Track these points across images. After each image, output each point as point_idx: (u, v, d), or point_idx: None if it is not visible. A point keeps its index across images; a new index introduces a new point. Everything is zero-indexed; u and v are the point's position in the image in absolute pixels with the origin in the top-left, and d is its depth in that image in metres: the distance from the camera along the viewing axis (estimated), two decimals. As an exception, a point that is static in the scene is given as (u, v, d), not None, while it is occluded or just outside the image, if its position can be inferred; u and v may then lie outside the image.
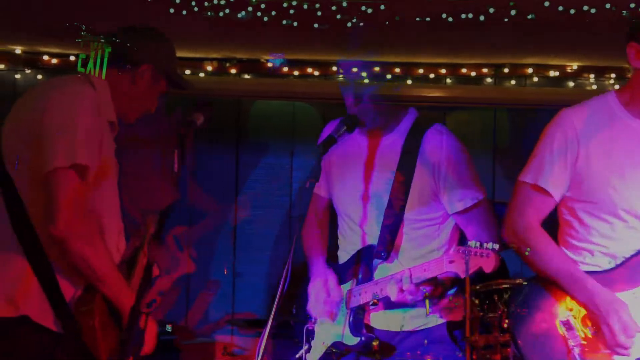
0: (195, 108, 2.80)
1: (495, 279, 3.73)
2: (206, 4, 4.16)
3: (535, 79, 5.35)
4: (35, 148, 2.70)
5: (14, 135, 2.77)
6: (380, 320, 3.33)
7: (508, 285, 3.50)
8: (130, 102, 2.96)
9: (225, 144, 5.57)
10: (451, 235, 3.38)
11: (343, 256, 3.47)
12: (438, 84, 5.41)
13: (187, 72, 5.26)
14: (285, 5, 4.17)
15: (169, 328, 2.70)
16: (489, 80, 5.40)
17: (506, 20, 4.07)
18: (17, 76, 5.40)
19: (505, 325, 3.25)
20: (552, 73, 5.30)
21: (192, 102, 2.84)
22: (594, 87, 5.35)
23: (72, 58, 5.28)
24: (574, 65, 5.26)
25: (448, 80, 5.43)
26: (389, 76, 5.39)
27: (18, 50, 5.23)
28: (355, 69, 3.47)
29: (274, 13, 4.25)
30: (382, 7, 4.15)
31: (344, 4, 4.16)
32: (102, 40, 2.88)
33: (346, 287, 3.35)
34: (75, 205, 2.65)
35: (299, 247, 3.49)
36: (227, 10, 4.22)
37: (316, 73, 5.38)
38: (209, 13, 4.24)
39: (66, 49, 5.26)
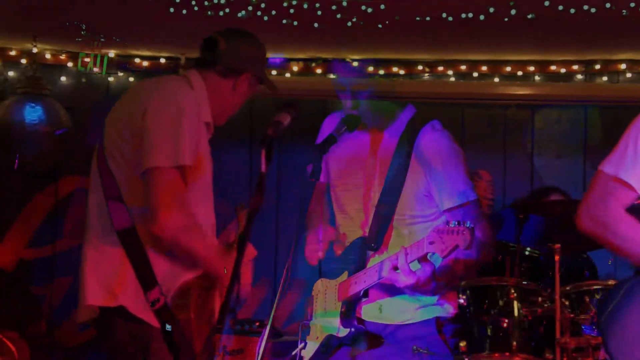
0: (282, 108, 2.83)
1: (580, 279, 3.66)
2: (206, 3, 4.18)
3: (629, 75, 5.20)
4: (137, 146, 2.77)
5: (115, 132, 2.85)
6: (370, 312, 3.33)
7: (600, 287, 3.42)
8: (225, 106, 3.00)
9: (311, 144, 5.58)
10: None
11: (339, 248, 3.49)
12: (526, 81, 5.32)
13: (274, 72, 5.31)
14: (285, 4, 4.15)
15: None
16: (579, 77, 5.28)
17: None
18: (110, 79, 5.56)
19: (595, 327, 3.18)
20: (647, 69, 5.15)
21: (279, 102, 2.87)
22: (692, 82, 5.17)
23: (163, 60, 5.41)
24: (670, 60, 5.10)
25: (537, 78, 5.33)
26: (475, 74, 5.34)
27: (111, 53, 5.39)
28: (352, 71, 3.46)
29: (274, 12, 4.24)
30: (382, 6, 4.10)
31: (344, 4, 4.13)
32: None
33: (340, 279, 3.37)
34: (176, 203, 2.71)
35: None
36: (227, 10, 4.23)
37: (401, 72, 5.37)
38: (209, 12, 4.26)
39: (156, 52, 5.39)
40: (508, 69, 5.27)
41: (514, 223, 3.80)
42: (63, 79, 5.50)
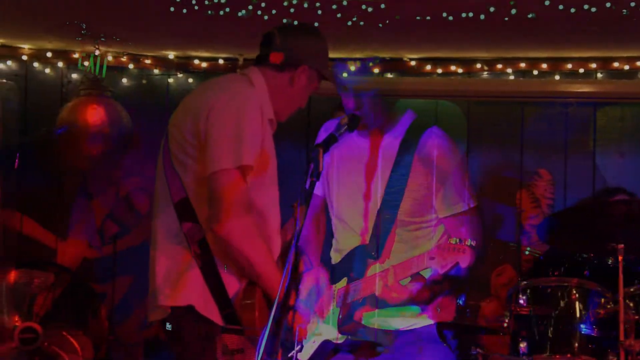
0: (340, 107, 2.83)
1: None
2: (207, 2, 4.17)
3: (697, 71, 5.07)
4: (201, 147, 2.80)
5: (179, 134, 2.88)
6: (371, 319, 3.29)
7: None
8: (285, 101, 3.00)
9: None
10: (445, 237, 3.33)
11: (336, 256, 3.45)
12: (588, 78, 5.22)
13: (330, 72, 5.31)
14: (285, 4, 4.13)
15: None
16: (643, 73, 5.17)
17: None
18: (170, 80, 5.63)
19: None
20: None
21: (337, 101, 2.87)
22: None
23: (221, 61, 5.46)
24: None
25: (599, 75, 5.23)
26: (535, 72, 5.26)
27: (171, 55, 5.46)
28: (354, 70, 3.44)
29: (274, 12, 4.21)
30: (383, 6, 4.05)
31: (344, 3, 4.08)
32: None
33: (339, 285, 3.34)
34: (238, 204, 2.73)
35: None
36: (227, 9, 4.22)
37: (460, 70, 5.32)
38: (210, 12, 4.25)
39: (215, 53, 5.44)
40: (569, 66, 5.17)
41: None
42: (124, 80, 5.59)
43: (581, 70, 5.18)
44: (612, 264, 4.20)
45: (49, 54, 5.37)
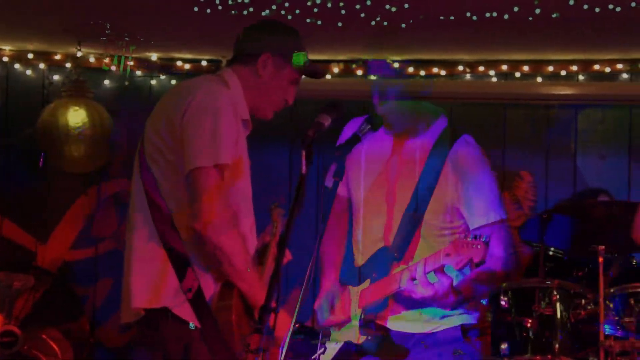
0: (323, 109, 2.84)
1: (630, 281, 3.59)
2: (230, 2, 4.18)
3: (678, 75, 5.11)
4: (178, 148, 2.80)
5: (155, 134, 2.88)
6: (396, 322, 3.30)
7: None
8: (260, 95, 3.01)
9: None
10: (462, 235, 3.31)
11: (359, 258, 3.45)
12: (569, 81, 5.25)
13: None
14: (309, 3, 4.14)
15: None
16: (624, 76, 5.19)
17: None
18: (153, 82, 5.62)
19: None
20: (696, 68, 5.05)
21: (322, 104, 2.87)
22: None
23: (204, 63, 5.45)
24: None
25: (580, 77, 5.26)
26: (517, 74, 5.28)
27: (154, 56, 5.45)
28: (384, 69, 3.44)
29: (297, 11, 4.23)
30: (407, 5, 4.06)
31: (368, 3, 4.09)
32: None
33: (362, 286, 3.34)
34: (217, 201, 2.74)
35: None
36: (251, 9, 4.23)
37: (442, 72, 5.34)
38: (233, 12, 4.26)
39: (198, 55, 5.43)
40: (551, 68, 5.20)
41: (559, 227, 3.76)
42: (106, 82, 5.57)
43: (562, 73, 5.21)
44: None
45: (30, 55, 5.34)
